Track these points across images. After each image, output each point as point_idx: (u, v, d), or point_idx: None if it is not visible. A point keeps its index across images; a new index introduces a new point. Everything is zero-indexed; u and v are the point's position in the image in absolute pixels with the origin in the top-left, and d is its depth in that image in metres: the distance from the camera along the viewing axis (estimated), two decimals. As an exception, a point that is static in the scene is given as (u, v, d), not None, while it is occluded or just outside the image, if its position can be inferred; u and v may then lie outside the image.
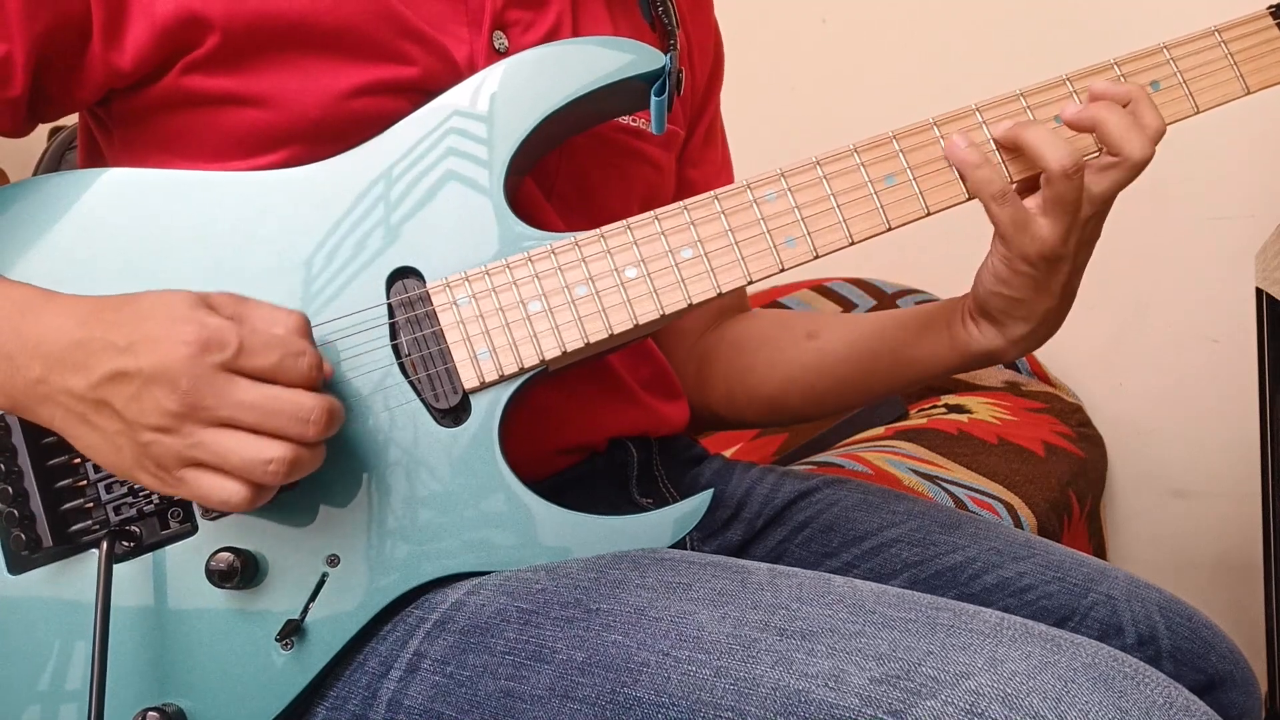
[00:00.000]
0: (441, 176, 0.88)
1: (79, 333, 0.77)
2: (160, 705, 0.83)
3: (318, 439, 0.78)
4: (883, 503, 1.10)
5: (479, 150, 0.88)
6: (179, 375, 0.74)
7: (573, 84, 0.89)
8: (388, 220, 0.87)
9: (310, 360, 0.78)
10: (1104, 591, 1.01)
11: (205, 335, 0.75)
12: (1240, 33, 0.96)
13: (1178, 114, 0.95)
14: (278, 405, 0.76)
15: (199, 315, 0.76)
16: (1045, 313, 0.98)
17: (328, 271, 0.86)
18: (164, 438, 0.75)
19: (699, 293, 0.89)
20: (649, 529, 0.88)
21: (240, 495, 0.76)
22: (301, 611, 0.84)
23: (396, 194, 0.88)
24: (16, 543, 0.84)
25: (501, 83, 0.90)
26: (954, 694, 0.69)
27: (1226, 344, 1.98)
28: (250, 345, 0.76)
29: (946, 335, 1.03)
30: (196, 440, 0.75)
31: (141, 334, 0.75)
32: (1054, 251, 0.93)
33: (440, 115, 0.89)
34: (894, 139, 0.92)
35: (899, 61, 2.09)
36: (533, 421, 0.95)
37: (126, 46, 0.86)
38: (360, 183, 0.88)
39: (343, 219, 0.87)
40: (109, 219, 0.87)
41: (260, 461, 0.75)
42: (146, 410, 0.75)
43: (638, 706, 0.75)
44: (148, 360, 0.75)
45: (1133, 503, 2.09)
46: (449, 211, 0.88)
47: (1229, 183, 1.95)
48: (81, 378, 0.76)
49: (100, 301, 0.79)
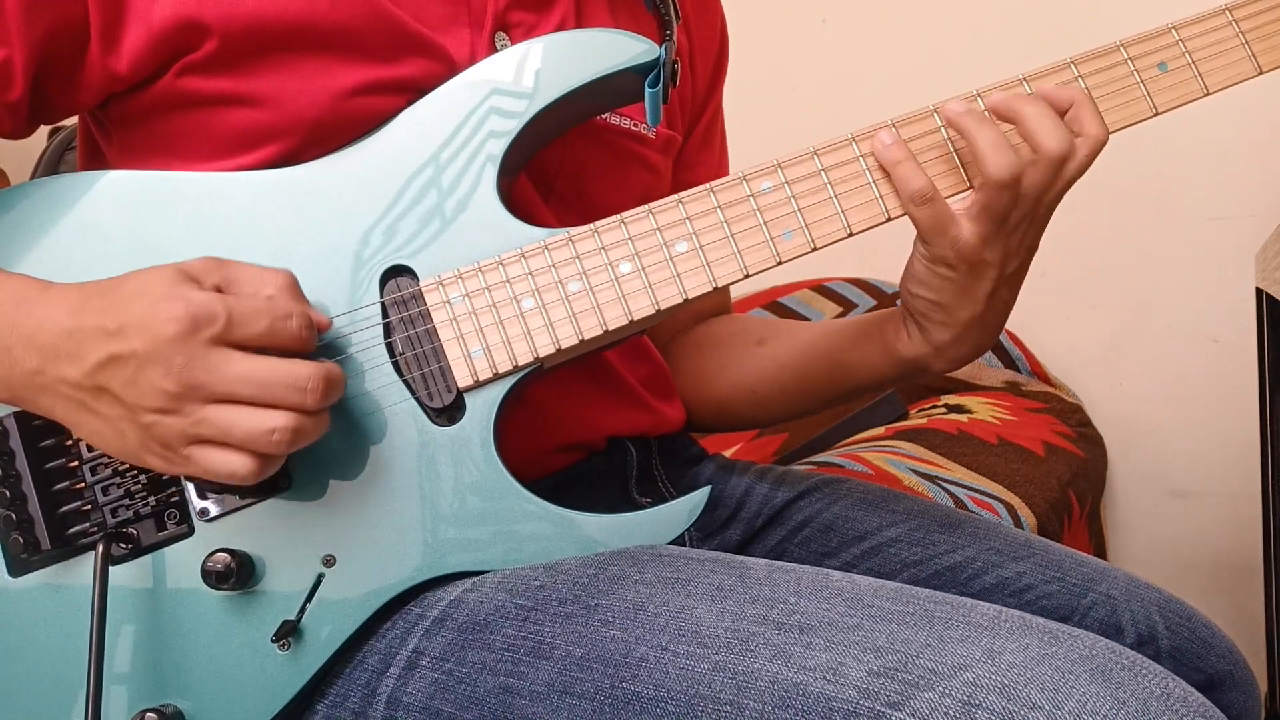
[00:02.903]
0: (434, 175, 0.88)
1: (70, 321, 0.77)
2: (158, 706, 0.83)
3: (317, 406, 0.78)
4: (882, 502, 1.10)
5: (470, 147, 0.88)
6: (172, 354, 0.74)
7: (567, 78, 0.89)
8: (380, 219, 0.87)
9: (299, 320, 0.78)
10: (1103, 591, 1.01)
11: (193, 311, 0.75)
12: (1252, 10, 0.93)
13: (1187, 95, 0.93)
14: (274, 376, 0.76)
15: (183, 291, 0.76)
16: (969, 320, 0.95)
17: (321, 271, 0.86)
18: (165, 418, 0.76)
19: (694, 287, 0.88)
20: (646, 527, 0.88)
21: (247, 467, 0.77)
22: (298, 612, 0.84)
23: (389, 192, 0.88)
24: (15, 545, 0.84)
25: (493, 79, 0.89)
26: (951, 685, 0.69)
27: (1226, 344, 1.98)
28: (238, 315, 0.76)
29: (879, 341, 1.02)
30: (199, 417, 0.76)
31: (129, 316, 0.75)
32: (975, 256, 0.90)
33: (431, 113, 0.89)
34: (893, 126, 0.91)
35: (899, 61, 2.09)
36: (531, 420, 0.95)
37: (124, 51, 0.86)
38: (353, 182, 0.88)
39: (336, 218, 0.87)
40: (106, 222, 0.87)
41: (263, 432, 0.76)
42: (145, 392, 0.75)
43: (636, 701, 0.75)
44: (139, 342, 0.75)
45: (1133, 503, 2.09)
46: (442, 209, 0.88)
47: (1229, 183, 1.95)
48: (76, 366, 0.77)
49: (89, 288, 0.79)
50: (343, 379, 0.81)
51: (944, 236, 0.90)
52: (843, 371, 1.07)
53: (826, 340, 1.09)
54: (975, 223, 0.89)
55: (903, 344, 1.00)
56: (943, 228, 0.89)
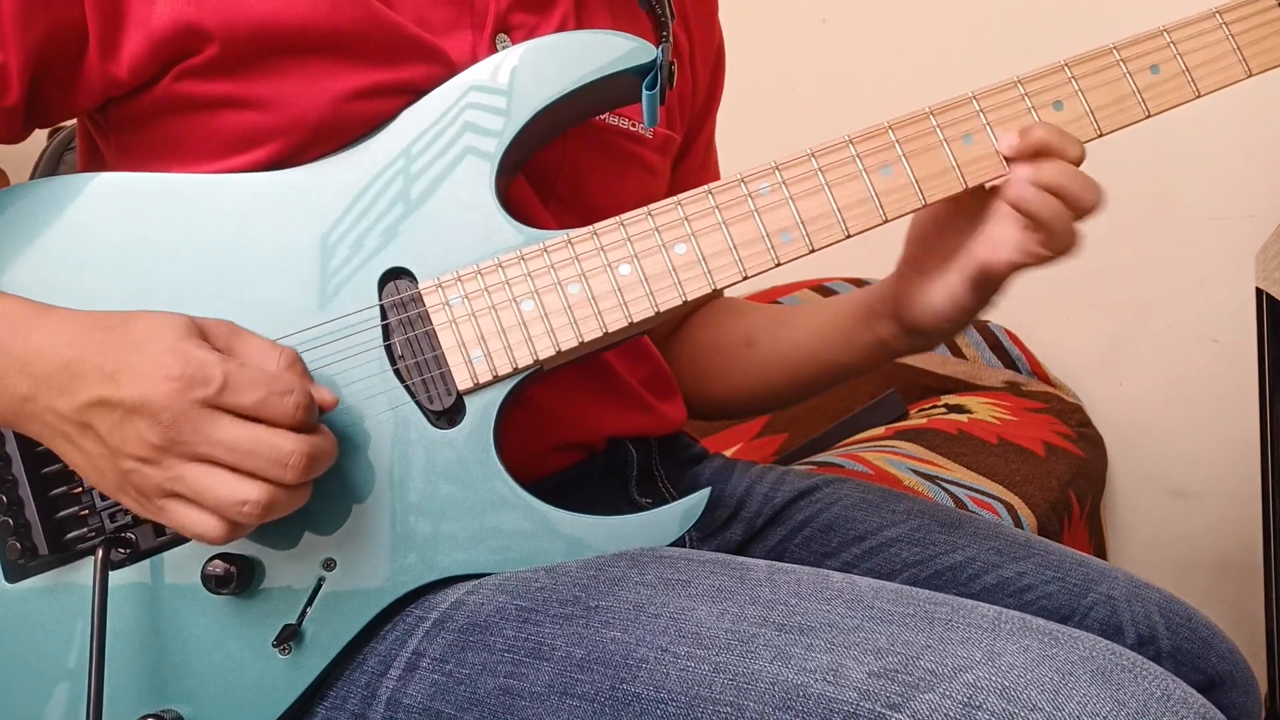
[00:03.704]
0: (433, 176, 0.88)
1: (67, 353, 0.77)
2: (159, 712, 0.83)
3: (295, 482, 0.77)
4: (883, 502, 1.10)
5: (468, 149, 0.88)
6: (160, 410, 0.74)
7: (564, 79, 0.89)
8: (379, 221, 0.87)
9: (297, 399, 0.77)
10: (1104, 591, 1.01)
11: (190, 371, 0.75)
12: (1242, 14, 0.94)
13: (1179, 99, 0.93)
14: (256, 447, 0.76)
15: (187, 347, 0.76)
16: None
17: (320, 273, 0.86)
18: (144, 468, 0.76)
19: (694, 290, 0.88)
20: (647, 528, 0.88)
21: (216, 531, 0.77)
22: (298, 616, 0.84)
23: (387, 194, 0.88)
24: (13, 551, 0.84)
25: (489, 81, 0.89)
26: (952, 687, 0.69)
27: (1226, 344, 1.98)
28: (235, 382, 0.76)
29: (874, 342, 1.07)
30: (176, 474, 0.76)
31: (128, 362, 0.76)
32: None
33: (430, 116, 0.89)
34: (889, 129, 0.91)
35: (899, 61, 2.09)
36: (531, 421, 0.95)
37: (123, 57, 0.86)
38: (351, 184, 0.88)
39: (334, 220, 0.87)
40: (101, 224, 0.86)
41: (235, 502, 0.76)
42: (128, 439, 0.75)
43: (637, 702, 0.75)
44: (130, 391, 0.75)
45: (1133, 503, 2.09)
46: (440, 211, 0.88)
47: (1229, 183, 1.95)
48: (66, 400, 0.77)
49: (92, 320, 0.79)
50: (332, 454, 0.80)
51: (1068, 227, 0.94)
52: (833, 367, 1.12)
53: (812, 341, 1.12)
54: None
55: (898, 343, 1.04)
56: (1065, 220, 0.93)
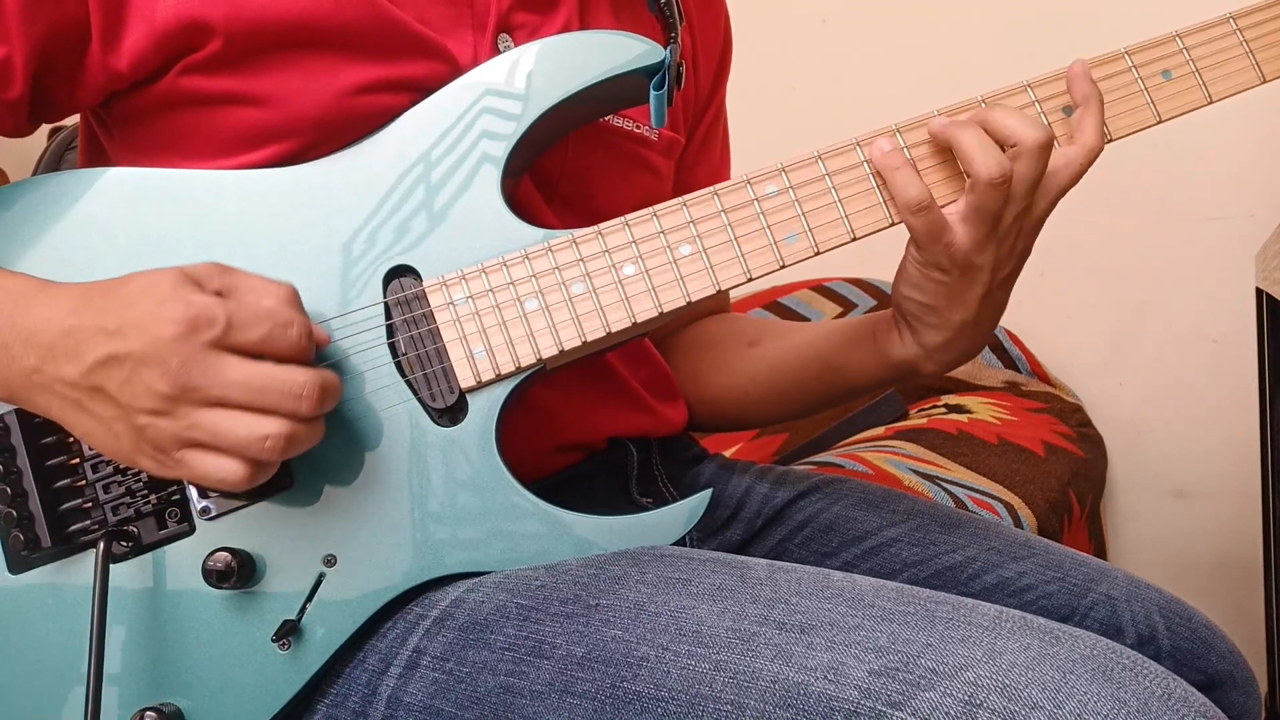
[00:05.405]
0: (439, 175, 0.88)
1: (69, 320, 0.77)
2: (158, 705, 0.83)
3: (312, 414, 0.77)
4: (883, 502, 1.10)
5: (474, 149, 0.88)
6: (169, 356, 0.74)
7: (571, 80, 0.89)
8: (384, 218, 0.87)
9: (299, 330, 0.78)
10: (1104, 591, 1.01)
11: (193, 314, 0.75)
12: (1256, 19, 0.93)
13: (1191, 104, 0.93)
14: (269, 382, 0.76)
15: (185, 293, 0.76)
16: (961, 324, 0.95)
17: (324, 270, 0.86)
18: (159, 420, 0.76)
19: (698, 290, 0.88)
20: (651, 528, 0.88)
21: (239, 473, 0.76)
22: (298, 612, 0.84)
23: (393, 192, 0.88)
24: (15, 543, 0.84)
25: (497, 81, 0.89)
26: (953, 685, 0.69)
27: (1226, 344, 1.98)
28: (238, 320, 0.76)
29: (871, 344, 1.03)
30: (191, 421, 0.75)
31: (130, 317, 0.75)
32: (967, 260, 0.91)
33: (434, 114, 0.89)
34: (897, 132, 0.91)
35: (899, 61, 2.09)
36: (532, 421, 0.95)
37: (125, 50, 0.86)
38: (357, 181, 0.88)
39: (338, 217, 0.87)
40: (107, 218, 0.87)
41: (256, 439, 0.75)
42: (139, 394, 0.75)
43: (637, 701, 0.75)
44: (137, 343, 0.75)
45: (1133, 503, 2.09)
46: (447, 210, 0.88)
47: (1229, 183, 1.95)
48: (74, 365, 0.76)
49: (90, 288, 0.79)
50: (339, 387, 0.81)
51: (938, 243, 0.90)
52: (835, 374, 1.08)
53: (819, 342, 1.10)
54: (968, 225, 0.90)
55: (895, 346, 1.01)
56: (937, 234, 0.90)
